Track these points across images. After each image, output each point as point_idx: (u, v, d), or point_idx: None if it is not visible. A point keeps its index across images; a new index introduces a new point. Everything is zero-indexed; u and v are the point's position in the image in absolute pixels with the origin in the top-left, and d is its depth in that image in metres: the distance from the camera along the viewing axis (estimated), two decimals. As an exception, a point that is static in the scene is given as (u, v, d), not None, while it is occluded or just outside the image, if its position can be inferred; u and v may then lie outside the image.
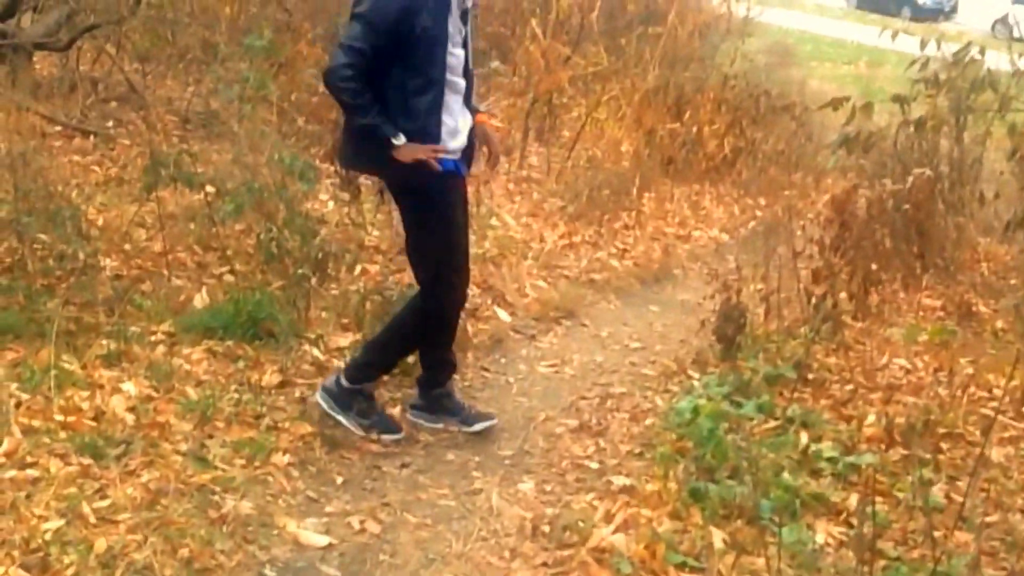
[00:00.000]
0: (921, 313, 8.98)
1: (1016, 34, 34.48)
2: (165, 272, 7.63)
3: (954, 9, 45.31)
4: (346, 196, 9.48)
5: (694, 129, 13.90)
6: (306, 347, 7.03)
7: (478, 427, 6.63)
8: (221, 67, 9.06)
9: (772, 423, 6.53)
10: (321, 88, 11.84)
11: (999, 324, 8.68)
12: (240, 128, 8.19)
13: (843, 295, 7.99)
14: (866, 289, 8.14)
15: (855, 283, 8.10)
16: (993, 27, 38.97)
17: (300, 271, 7.26)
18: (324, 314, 7.51)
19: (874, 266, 8.27)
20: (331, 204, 9.65)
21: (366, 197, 9.62)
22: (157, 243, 8.00)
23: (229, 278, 7.73)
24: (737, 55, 16.02)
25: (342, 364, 6.77)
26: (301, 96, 11.09)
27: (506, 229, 10.18)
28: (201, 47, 12.14)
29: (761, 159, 14.46)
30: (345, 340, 7.23)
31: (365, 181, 9.70)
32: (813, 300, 7.74)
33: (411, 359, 7.02)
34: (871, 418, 6.59)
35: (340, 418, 6.35)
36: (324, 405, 6.39)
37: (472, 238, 9.36)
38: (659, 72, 14.13)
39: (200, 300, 7.33)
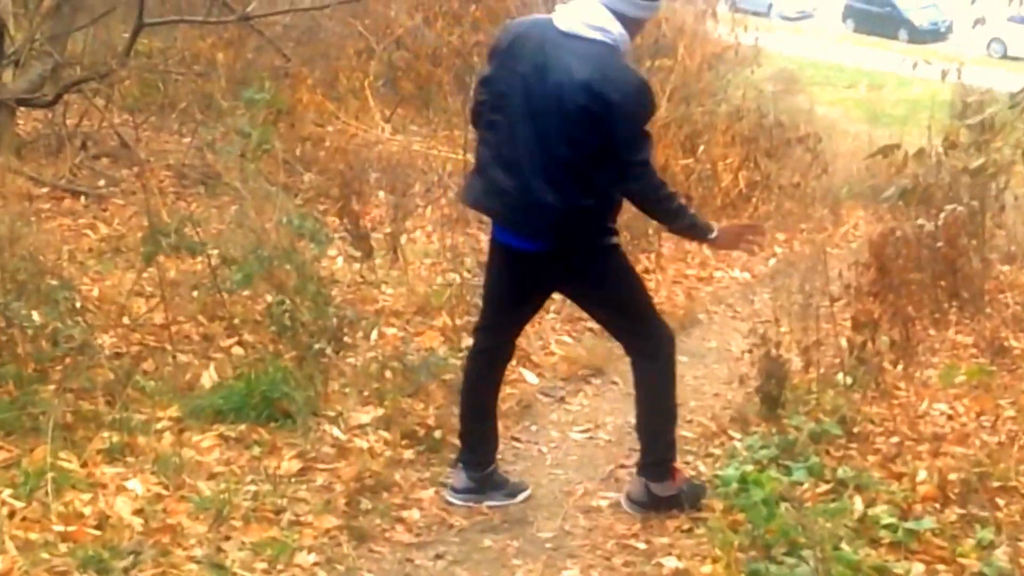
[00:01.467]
0: (954, 351, 8.71)
1: (1010, 52, 34.52)
2: (169, 347, 7.08)
3: (950, 29, 45.22)
4: (357, 253, 8.99)
5: (708, 164, 13.44)
6: (325, 426, 6.51)
7: (521, 497, 6.28)
8: (220, 123, 8.53)
9: (823, 487, 6.18)
10: (327, 142, 11.59)
11: (1033, 359, 8.29)
12: (244, 188, 7.68)
13: (883, 338, 7.66)
14: (908, 335, 7.72)
15: (896, 329, 7.69)
16: (988, 46, 38.97)
17: (316, 345, 6.74)
18: (343, 387, 6.98)
19: (909, 307, 7.90)
20: (340, 260, 9.16)
21: (378, 252, 9.12)
22: (158, 314, 7.43)
23: (238, 350, 7.21)
24: (747, 86, 15.61)
25: (365, 444, 6.41)
26: (305, 148, 10.59)
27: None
28: (196, 96, 11.65)
29: (777, 193, 14.03)
30: (366, 416, 6.70)
31: (376, 235, 9.25)
32: (855, 351, 7.47)
33: (438, 434, 6.62)
34: (922, 474, 6.27)
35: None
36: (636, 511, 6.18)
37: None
38: (670, 106, 13.66)
39: (208, 378, 6.79)
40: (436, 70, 14.50)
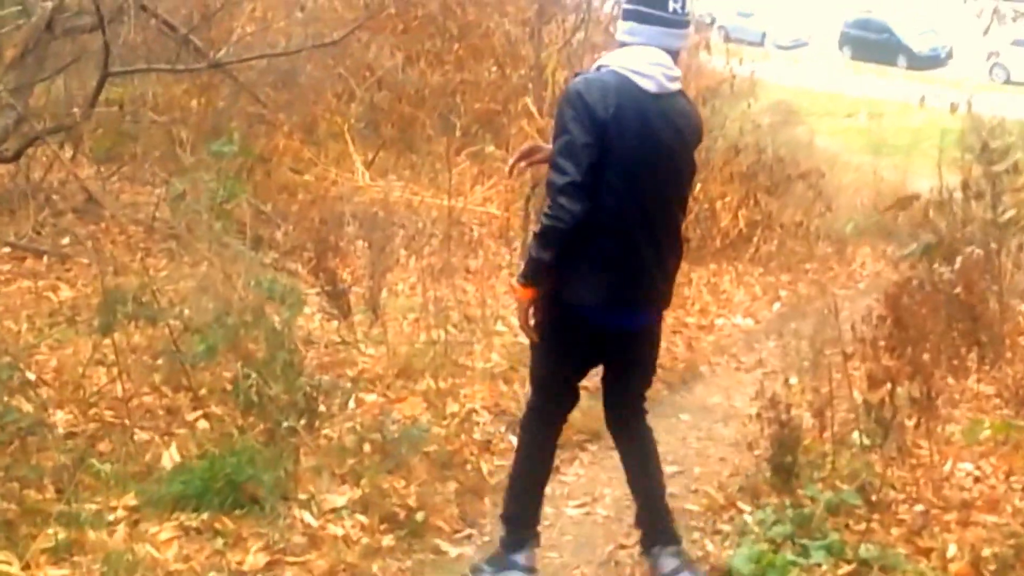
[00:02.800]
0: (975, 402, 8.20)
1: (1013, 78, 34.29)
2: (127, 422, 6.49)
3: (949, 55, 44.92)
4: (334, 310, 8.48)
5: (706, 204, 12.97)
6: (296, 512, 5.92)
7: None
8: (185, 177, 7.97)
9: (845, 568, 5.64)
10: (304, 192, 11.09)
11: (1062, 412, 7.81)
12: (209, 249, 7.14)
13: (900, 392, 7.05)
14: (929, 391, 7.19)
15: (916, 386, 7.16)
16: (991, 71, 38.67)
17: (286, 423, 6.18)
18: (316, 466, 6.38)
19: (926, 357, 7.39)
20: (317, 319, 8.61)
21: (357, 309, 8.61)
22: (118, 384, 6.84)
23: (203, 424, 6.63)
24: (744, 120, 15.14)
25: (340, 531, 5.83)
26: (280, 199, 10.06)
27: (514, 334, 9.11)
28: (168, 146, 11.15)
29: (779, 232, 13.56)
30: (341, 498, 6.12)
31: (357, 289, 8.71)
32: (873, 410, 6.93)
33: (420, 516, 6.11)
34: (952, 549, 5.79)
35: None
36: None
37: (477, 348, 8.47)
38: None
39: (169, 458, 6.21)
40: (419, 112, 14.05)
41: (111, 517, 5.62)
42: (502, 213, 11.94)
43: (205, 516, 5.72)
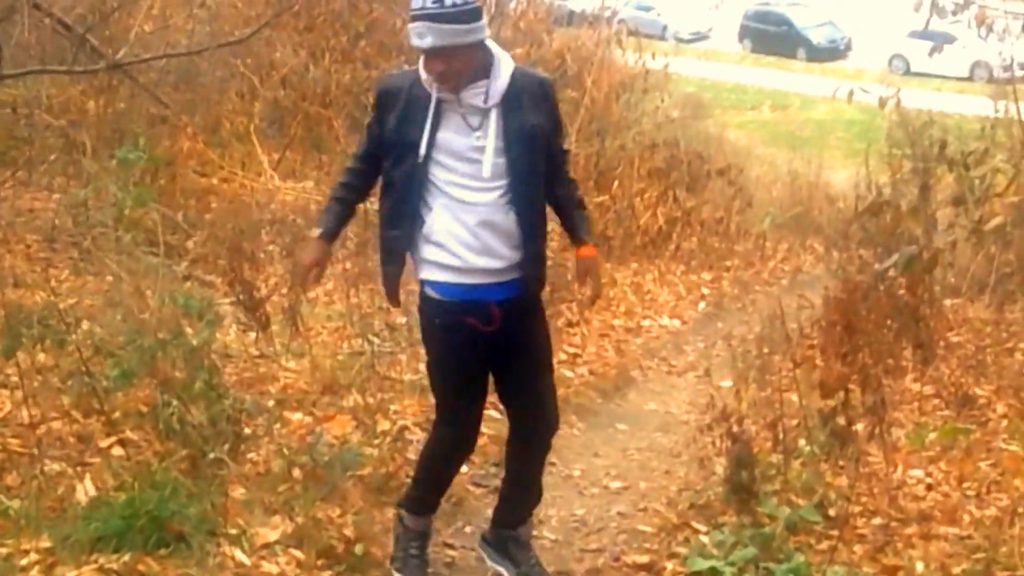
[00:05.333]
0: (916, 403, 7.97)
1: (913, 68, 34.70)
2: (36, 451, 5.97)
3: (848, 46, 45.39)
4: (251, 322, 8.02)
5: (624, 201, 12.65)
6: (226, 548, 5.41)
7: None
8: (91, 185, 7.45)
9: None
10: (214, 199, 10.58)
11: (1000, 409, 7.74)
12: (118, 264, 6.64)
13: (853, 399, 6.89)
14: (882, 400, 6.91)
15: (868, 394, 6.92)
16: (890, 62, 38.95)
17: (212, 454, 5.70)
18: (244, 496, 5.89)
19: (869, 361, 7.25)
20: (233, 331, 8.11)
21: (274, 319, 8.14)
22: (24, 410, 6.30)
23: (118, 451, 6.10)
24: (659, 114, 14.86)
25: (275, 569, 5.37)
26: (189, 205, 9.55)
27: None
28: (66, 149, 10.59)
29: (701, 230, 13.30)
30: (274, 532, 5.63)
31: (278, 300, 8.42)
32: (828, 421, 6.71)
33: (358, 549, 5.68)
34: (920, 566, 5.51)
35: None
36: None
37: (403, 358, 8.04)
38: (580, 141, 12.84)
39: (83, 492, 5.68)
40: (325, 110, 13.60)
41: (24, 562, 5.12)
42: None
43: (127, 558, 5.20)
